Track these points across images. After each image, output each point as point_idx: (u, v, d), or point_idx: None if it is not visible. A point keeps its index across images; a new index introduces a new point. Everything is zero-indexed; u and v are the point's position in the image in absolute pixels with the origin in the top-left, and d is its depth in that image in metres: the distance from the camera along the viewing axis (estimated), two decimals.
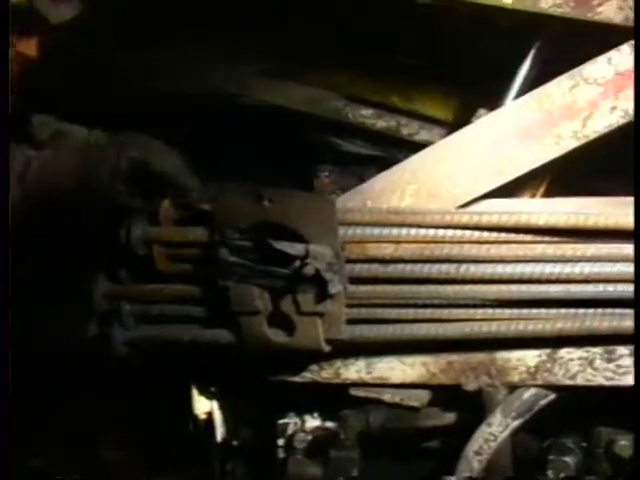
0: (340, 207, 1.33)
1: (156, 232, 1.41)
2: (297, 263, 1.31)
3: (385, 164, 3.04)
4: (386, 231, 1.34)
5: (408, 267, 1.35)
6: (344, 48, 2.67)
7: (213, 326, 1.47)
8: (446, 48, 2.31)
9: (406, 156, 3.07)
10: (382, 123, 2.75)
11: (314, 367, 1.54)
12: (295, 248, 1.30)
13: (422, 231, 1.35)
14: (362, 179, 3.12)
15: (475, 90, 2.29)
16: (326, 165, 3.22)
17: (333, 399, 1.62)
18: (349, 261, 1.35)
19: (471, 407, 1.50)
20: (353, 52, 2.67)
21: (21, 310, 1.87)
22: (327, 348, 1.43)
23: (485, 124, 1.63)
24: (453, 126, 2.54)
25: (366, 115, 2.76)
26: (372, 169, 3.15)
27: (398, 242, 1.35)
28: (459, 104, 2.48)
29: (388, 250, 1.35)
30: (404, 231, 1.34)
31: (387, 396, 1.54)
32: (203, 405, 2.02)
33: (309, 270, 1.30)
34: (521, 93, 1.90)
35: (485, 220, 1.33)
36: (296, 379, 1.57)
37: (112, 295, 1.51)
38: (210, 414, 2.06)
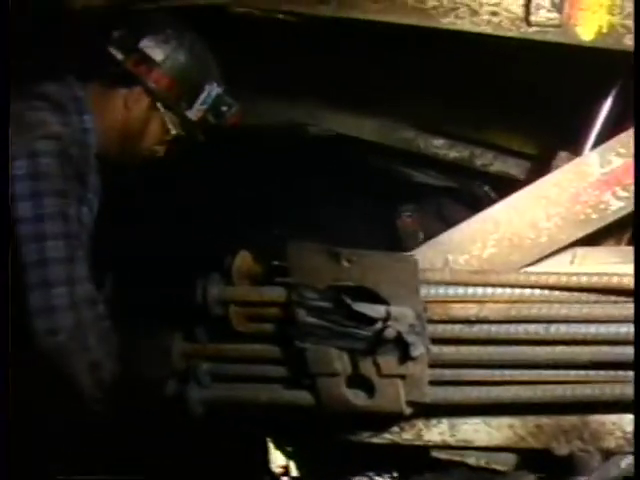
0: (421, 266, 1.28)
1: (232, 292, 1.39)
2: (378, 325, 1.26)
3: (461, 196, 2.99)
4: (470, 291, 1.28)
5: (494, 328, 1.29)
6: (414, 78, 2.63)
7: (291, 387, 1.44)
8: (522, 81, 2.26)
9: (480, 187, 3.02)
10: (455, 153, 2.69)
11: (394, 428, 1.49)
12: (375, 310, 1.25)
13: (508, 291, 1.29)
14: (443, 218, 3.08)
15: (553, 122, 2.23)
16: (408, 205, 3.19)
17: (413, 460, 1.56)
18: (431, 322, 1.30)
19: (562, 473, 1.42)
20: (423, 82, 2.63)
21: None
22: (408, 410, 1.38)
23: (569, 171, 1.56)
24: (529, 158, 2.49)
25: (438, 145, 2.71)
26: (454, 207, 3.10)
27: (483, 302, 1.29)
28: (535, 135, 2.42)
29: (472, 310, 1.29)
30: (489, 290, 1.29)
31: (471, 459, 1.47)
32: (279, 459, 1.98)
33: (390, 332, 1.25)
34: (603, 132, 1.84)
35: (574, 281, 1.26)
36: (375, 440, 1.51)
37: (189, 354, 1.49)
38: (286, 468, 2.02)
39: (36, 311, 1.65)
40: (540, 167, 2.08)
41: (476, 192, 2.82)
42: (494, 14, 1.57)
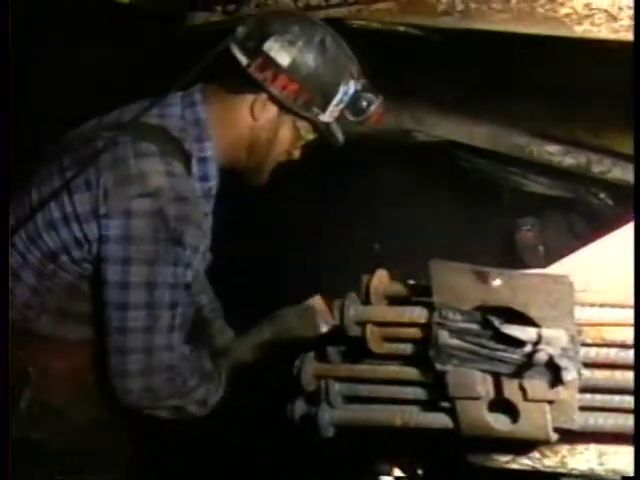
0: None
1: (369, 312, 1.36)
2: (527, 348, 1.21)
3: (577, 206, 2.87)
4: (627, 313, 1.21)
5: None
6: (526, 82, 2.54)
7: (427, 409, 1.40)
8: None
9: (596, 196, 2.90)
10: (570, 160, 2.58)
11: (535, 454, 1.42)
12: (526, 332, 1.20)
13: None
14: (572, 230, 2.96)
15: None
16: (527, 218, 3.10)
17: None
18: (584, 345, 1.24)
19: None
20: (535, 85, 2.54)
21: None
22: (555, 437, 1.32)
23: None
24: None
25: (552, 152, 2.60)
26: (580, 220, 2.99)
27: None
28: None
29: (628, 334, 1.22)
30: None
31: None
32: None
33: (542, 356, 1.19)
34: None
35: None
36: (514, 465, 1.45)
37: (321, 374, 1.47)
38: None
39: (114, 373, 1.75)
40: None
41: (592, 201, 2.72)
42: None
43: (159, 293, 1.71)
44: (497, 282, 1.20)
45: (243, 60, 1.77)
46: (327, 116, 1.84)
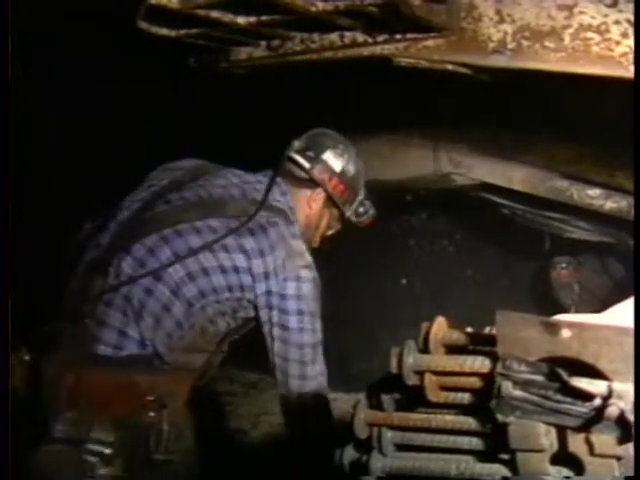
0: None
1: (429, 361, 1.32)
2: (597, 402, 1.17)
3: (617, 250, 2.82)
4: None
5: None
6: (568, 125, 2.51)
7: (485, 460, 1.35)
8: None
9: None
10: (611, 204, 2.53)
11: None
12: (597, 386, 1.16)
13: None
14: (606, 269, 2.90)
15: None
16: (563, 257, 3.06)
17: None
18: None
19: None
20: (577, 129, 2.50)
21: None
22: None
23: None
24: None
25: (593, 195, 2.55)
26: (614, 260, 2.95)
27: None
28: None
29: None
30: None
31: None
32: None
33: (613, 411, 1.15)
34: None
35: None
36: None
37: (374, 422, 1.43)
38: None
39: (295, 394, 2.19)
40: None
41: (630, 244, 2.67)
42: None
43: (318, 335, 2.22)
44: (567, 334, 1.17)
45: (306, 165, 2.31)
46: (349, 213, 2.44)
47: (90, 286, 2.09)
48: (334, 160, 2.33)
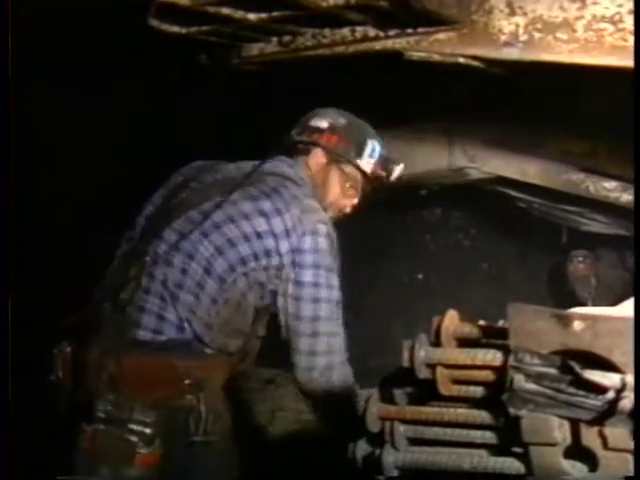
0: None
1: (440, 354, 1.32)
2: (610, 395, 1.16)
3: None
4: None
5: None
6: (583, 117, 2.48)
7: (497, 453, 1.34)
8: None
9: None
10: (627, 197, 2.50)
11: None
12: (610, 379, 1.15)
13: None
14: (624, 263, 2.87)
15: None
16: (579, 250, 3.03)
17: None
18: None
19: None
20: (592, 121, 2.47)
21: None
22: None
23: None
24: None
25: (609, 188, 2.52)
26: (627, 251, 2.92)
27: None
28: None
29: None
30: None
31: None
32: None
33: (626, 404, 1.14)
34: None
35: None
36: None
37: (386, 416, 1.43)
38: None
39: (303, 352, 2.17)
40: None
41: None
42: None
43: (334, 292, 2.20)
44: (579, 326, 1.16)
45: (295, 136, 2.37)
46: (364, 164, 2.36)
47: (128, 275, 2.18)
48: (320, 121, 2.34)
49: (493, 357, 1.28)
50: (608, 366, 1.17)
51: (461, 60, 1.86)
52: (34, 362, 2.14)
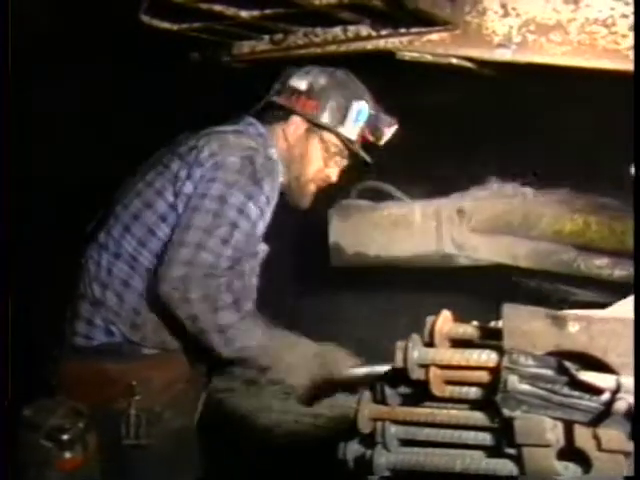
0: None
1: (434, 354, 1.31)
2: (605, 396, 1.16)
3: None
4: None
5: None
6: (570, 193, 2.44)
7: (490, 455, 1.34)
8: None
9: None
10: (620, 272, 2.44)
11: None
12: (605, 380, 1.15)
13: None
14: None
15: None
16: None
17: None
18: None
19: None
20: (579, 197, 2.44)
21: None
22: None
23: None
24: None
25: (601, 265, 2.47)
26: None
27: None
28: None
29: None
30: None
31: None
32: None
33: (621, 405, 1.14)
34: None
35: None
36: None
37: (377, 417, 1.42)
38: None
39: (164, 261, 1.95)
40: None
41: None
42: None
43: (227, 208, 1.97)
44: (574, 327, 1.15)
45: (272, 97, 2.18)
46: (348, 131, 2.14)
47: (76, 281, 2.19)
48: (298, 81, 2.14)
49: (487, 358, 1.27)
50: (603, 367, 1.16)
51: (454, 61, 1.86)
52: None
